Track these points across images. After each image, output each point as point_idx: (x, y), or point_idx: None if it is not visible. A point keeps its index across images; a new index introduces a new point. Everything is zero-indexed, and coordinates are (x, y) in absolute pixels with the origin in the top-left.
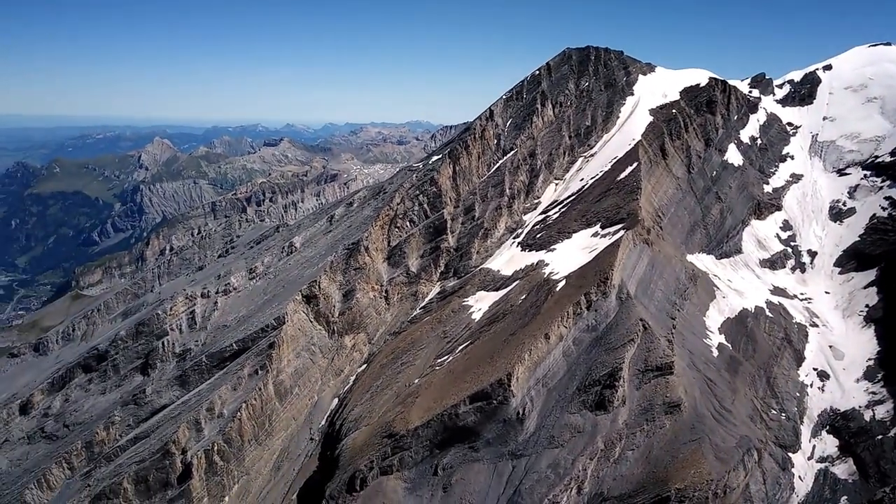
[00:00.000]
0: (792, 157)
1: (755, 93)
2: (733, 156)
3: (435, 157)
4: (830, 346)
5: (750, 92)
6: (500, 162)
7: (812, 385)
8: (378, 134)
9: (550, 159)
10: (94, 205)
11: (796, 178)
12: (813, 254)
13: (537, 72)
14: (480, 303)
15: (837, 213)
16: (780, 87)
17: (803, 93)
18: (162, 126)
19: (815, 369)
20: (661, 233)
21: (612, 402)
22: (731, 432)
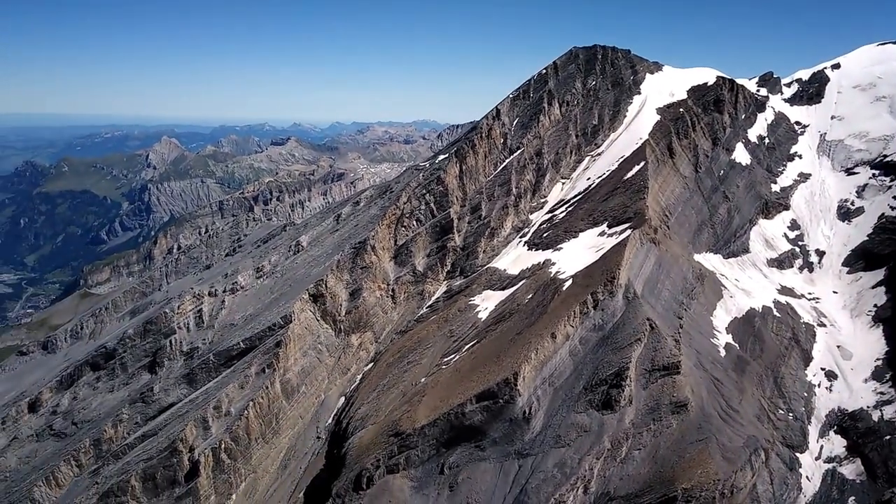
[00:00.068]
0: (800, 157)
1: (763, 92)
2: (741, 155)
3: (441, 157)
4: (838, 346)
5: (758, 91)
6: (507, 161)
7: (820, 385)
8: (385, 133)
9: (557, 158)
10: (103, 204)
11: (804, 178)
12: (821, 253)
13: (544, 71)
14: (487, 302)
15: (846, 213)
16: (788, 85)
17: (811, 92)
18: (170, 125)
19: (822, 369)
20: (668, 232)
21: (619, 401)
22: (739, 432)
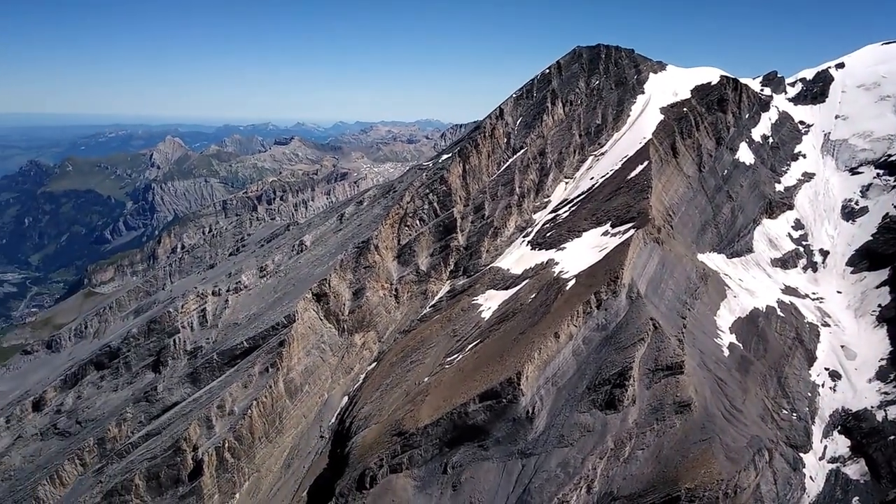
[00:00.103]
0: (804, 156)
1: (767, 91)
2: (745, 154)
3: (445, 156)
4: (842, 346)
5: (762, 90)
6: (511, 160)
7: (824, 385)
8: (388, 133)
9: (560, 158)
10: (107, 203)
11: (808, 177)
12: (825, 253)
13: (547, 70)
14: (490, 301)
15: (850, 212)
16: (792, 85)
17: (815, 91)
18: (174, 125)
19: (826, 369)
20: (671, 232)
21: (622, 401)
22: (742, 432)
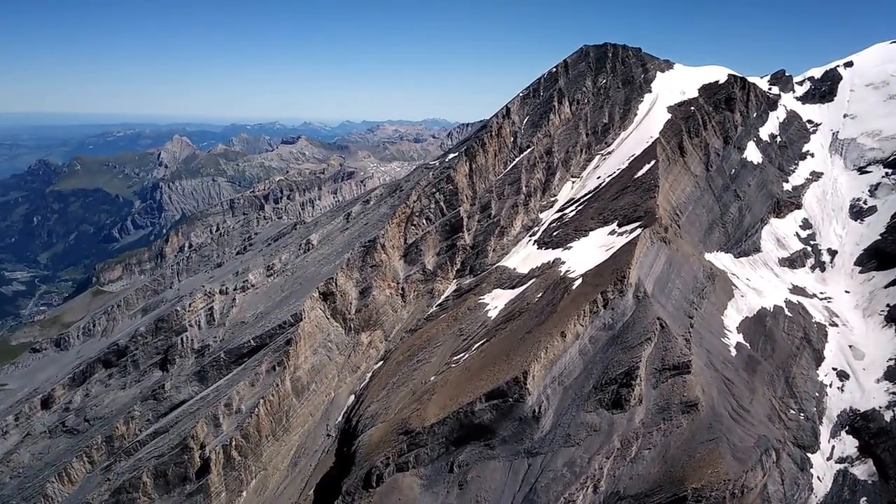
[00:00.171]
0: (812, 155)
1: (775, 90)
2: (752, 153)
3: (451, 155)
4: (850, 346)
5: (769, 89)
6: (517, 160)
7: (831, 385)
8: (395, 132)
9: (567, 157)
10: (115, 202)
11: (816, 176)
12: (833, 252)
13: (554, 69)
14: (496, 301)
15: (858, 212)
16: (800, 84)
17: (824, 90)
18: (181, 124)
19: (834, 369)
20: (678, 231)
21: (629, 400)
22: (749, 432)
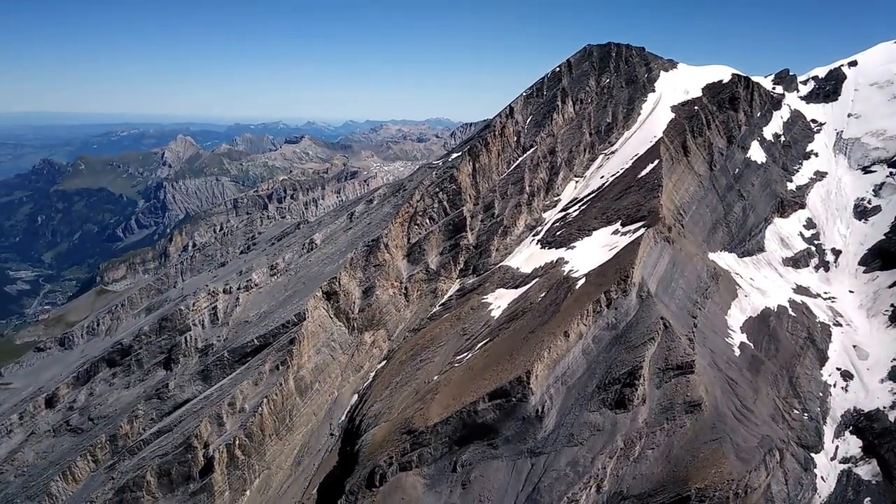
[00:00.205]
0: (816, 155)
1: (779, 89)
2: (756, 153)
3: (455, 155)
4: (854, 346)
5: (773, 88)
6: (520, 159)
7: (835, 385)
8: (398, 131)
9: (571, 156)
10: (119, 201)
11: (820, 176)
12: (837, 252)
13: (558, 69)
14: (500, 300)
15: (862, 212)
16: (805, 83)
17: (828, 89)
18: (185, 123)
19: (838, 369)
20: (682, 231)
21: (632, 400)
22: (753, 432)
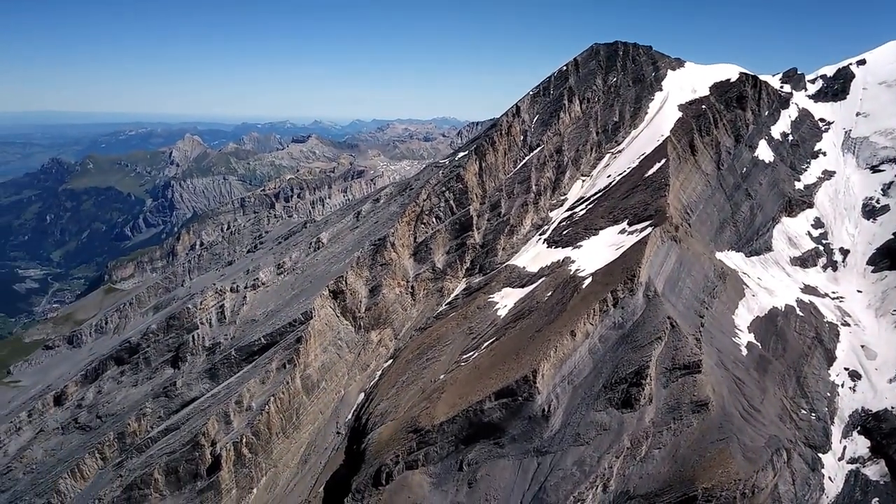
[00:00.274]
0: (824, 154)
1: (786, 88)
2: (764, 152)
3: (461, 154)
4: (862, 346)
5: (781, 87)
6: (527, 158)
7: (843, 385)
8: (405, 130)
9: (577, 155)
10: (127, 200)
11: (828, 175)
12: (845, 252)
13: (564, 67)
14: (506, 299)
15: (871, 211)
16: (813, 82)
17: (836, 88)
18: (192, 123)
19: (846, 369)
20: (689, 230)
21: (639, 400)
22: (760, 432)
